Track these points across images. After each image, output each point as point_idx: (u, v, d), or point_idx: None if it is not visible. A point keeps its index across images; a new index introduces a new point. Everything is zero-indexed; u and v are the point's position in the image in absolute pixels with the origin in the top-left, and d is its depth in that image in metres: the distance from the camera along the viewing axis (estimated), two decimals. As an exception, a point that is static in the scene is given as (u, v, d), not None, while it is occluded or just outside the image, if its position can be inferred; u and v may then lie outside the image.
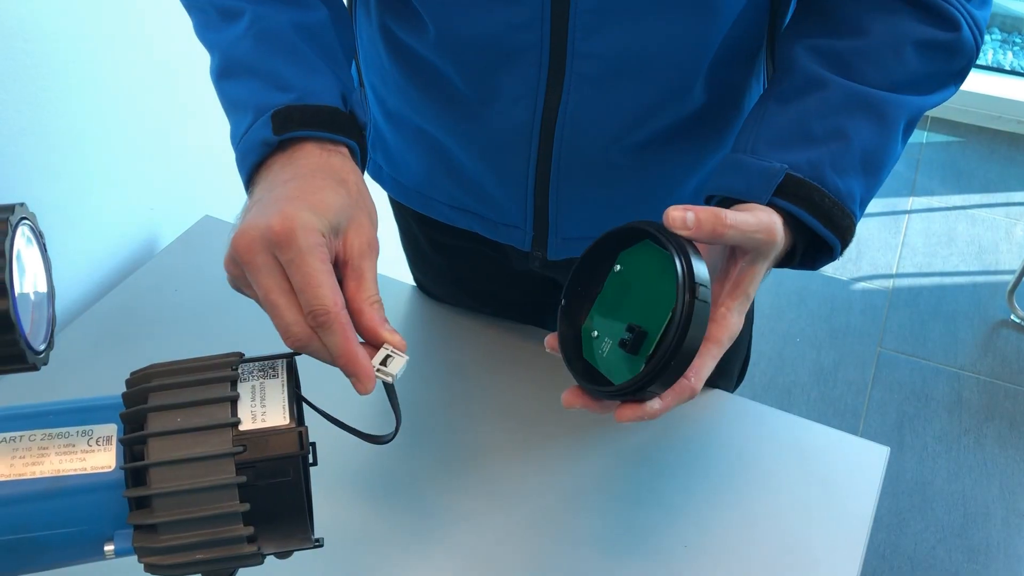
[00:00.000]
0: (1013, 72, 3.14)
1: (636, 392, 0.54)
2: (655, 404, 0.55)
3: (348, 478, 0.79)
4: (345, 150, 0.61)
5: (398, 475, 0.80)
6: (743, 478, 0.80)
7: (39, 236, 0.41)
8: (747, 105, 0.76)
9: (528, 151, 0.71)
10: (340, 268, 0.55)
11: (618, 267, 0.59)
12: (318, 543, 0.48)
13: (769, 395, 2.11)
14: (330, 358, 0.53)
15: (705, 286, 0.52)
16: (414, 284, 1.03)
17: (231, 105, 0.63)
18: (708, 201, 0.64)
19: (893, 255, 2.53)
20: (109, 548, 0.44)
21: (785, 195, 0.60)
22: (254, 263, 0.52)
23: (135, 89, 1.03)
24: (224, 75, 0.64)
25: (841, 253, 0.64)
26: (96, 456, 0.44)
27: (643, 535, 0.76)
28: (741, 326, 0.59)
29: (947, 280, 2.46)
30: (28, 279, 0.40)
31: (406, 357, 0.54)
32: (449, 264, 0.95)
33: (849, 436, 0.85)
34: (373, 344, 0.54)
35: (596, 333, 0.59)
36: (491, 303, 0.96)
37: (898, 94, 0.63)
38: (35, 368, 0.39)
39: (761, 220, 0.58)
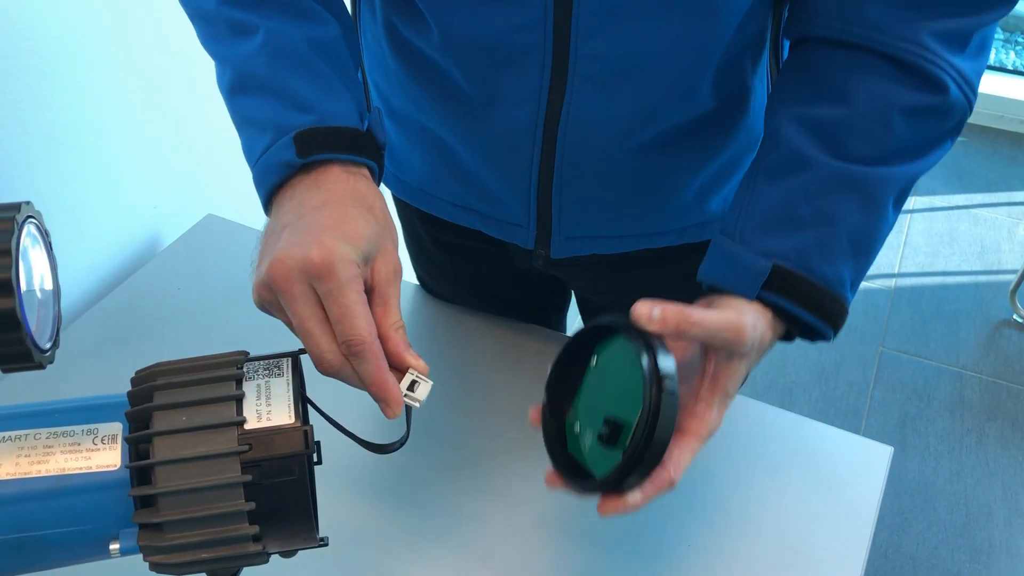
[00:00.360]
0: (1016, 72, 3.14)
1: (615, 485, 0.55)
2: (635, 497, 0.56)
3: (353, 477, 0.79)
4: (367, 172, 0.62)
5: (402, 474, 0.80)
6: (746, 477, 0.80)
7: (45, 234, 0.41)
8: (751, 107, 0.76)
9: (531, 151, 0.71)
10: (368, 294, 0.56)
11: (595, 361, 0.60)
12: (323, 542, 0.48)
13: (770, 395, 2.11)
14: (360, 384, 0.54)
15: (671, 378, 0.53)
16: (417, 283, 1.03)
17: (245, 121, 0.63)
18: (700, 286, 0.65)
19: (895, 255, 2.53)
20: (114, 547, 0.44)
21: (773, 288, 0.61)
22: (291, 292, 0.53)
23: (138, 88, 1.03)
24: (238, 91, 0.63)
25: (835, 336, 0.64)
26: (101, 455, 0.44)
27: (647, 534, 0.76)
28: (720, 422, 0.60)
29: (949, 280, 2.46)
30: (34, 277, 0.40)
31: (431, 383, 0.56)
32: (453, 262, 0.95)
33: (852, 435, 0.85)
34: (398, 369, 0.56)
35: (578, 427, 0.60)
36: (495, 301, 0.96)
37: (887, 166, 0.62)
38: (41, 367, 0.39)
39: (728, 319, 0.58)
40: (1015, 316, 2.32)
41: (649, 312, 0.55)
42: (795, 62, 0.67)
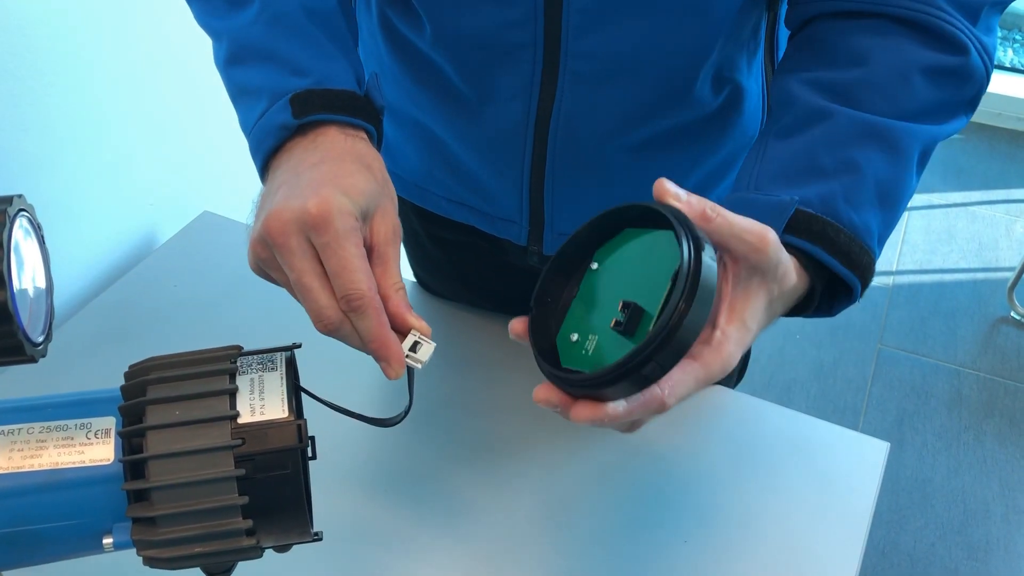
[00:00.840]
0: (1013, 69, 3.14)
1: (634, 371, 0.46)
2: (618, 406, 0.49)
3: (348, 472, 0.79)
4: (365, 135, 0.60)
5: (398, 469, 0.80)
6: (743, 473, 0.80)
7: (37, 228, 0.41)
8: (746, 108, 0.75)
9: (523, 148, 0.71)
10: (368, 250, 0.55)
11: (595, 265, 0.54)
12: (317, 537, 0.48)
13: (769, 392, 2.11)
14: (360, 343, 0.53)
15: (710, 248, 0.46)
16: (414, 280, 1.02)
17: (241, 91, 0.62)
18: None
19: (893, 252, 2.53)
20: (108, 541, 0.43)
21: (798, 232, 0.56)
22: (287, 245, 0.52)
23: (134, 84, 1.03)
24: (234, 61, 0.63)
25: (861, 294, 0.60)
26: (94, 449, 0.43)
27: (644, 530, 0.75)
28: (736, 359, 0.52)
29: (947, 277, 2.45)
30: (26, 271, 0.40)
31: (433, 344, 0.55)
32: (448, 258, 0.95)
33: (849, 432, 0.85)
34: (400, 330, 0.54)
35: (576, 336, 0.53)
36: (491, 298, 0.96)
37: (910, 123, 0.60)
38: (33, 360, 0.39)
39: (753, 224, 0.52)
40: (1013, 313, 2.32)
41: (675, 189, 0.49)
42: (802, 40, 0.65)
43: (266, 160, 0.60)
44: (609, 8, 0.61)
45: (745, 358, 0.98)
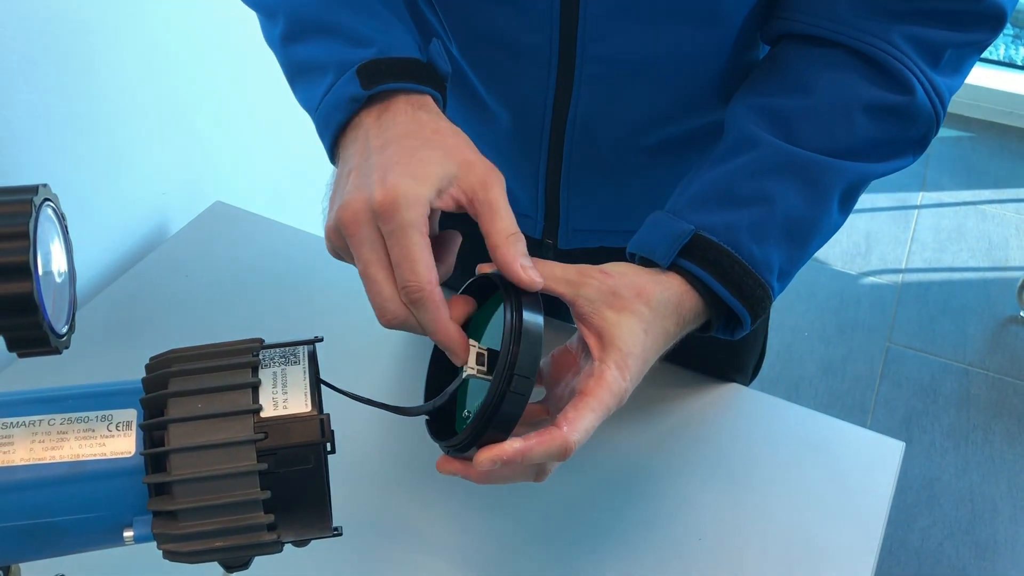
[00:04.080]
0: (1025, 67, 3.12)
1: (495, 410, 0.51)
2: (514, 443, 0.51)
3: (366, 468, 0.79)
4: (431, 100, 0.59)
5: (415, 465, 0.80)
6: (757, 471, 0.80)
7: (61, 218, 0.41)
8: None
9: (539, 148, 0.71)
10: (468, 207, 0.54)
11: (472, 342, 0.56)
12: (337, 532, 0.47)
13: (777, 389, 2.11)
14: (425, 332, 0.53)
15: (526, 369, 0.50)
16: None
17: (302, 68, 0.61)
18: (631, 259, 0.62)
19: (903, 250, 2.52)
20: (128, 534, 0.43)
21: (693, 257, 0.58)
22: (358, 235, 0.52)
23: (147, 74, 1.03)
24: (292, 38, 0.61)
25: (752, 325, 0.60)
26: (116, 441, 0.43)
27: (657, 527, 0.75)
28: (626, 380, 0.54)
29: (956, 276, 2.45)
30: (52, 261, 0.39)
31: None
32: (465, 252, 0.95)
33: (864, 430, 0.84)
34: (516, 281, 0.53)
35: (466, 412, 0.56)
36: None
37: (838, 159, 0.59)
38: (57, 351, 0.39)
39: (567, 268, 0.55)
40: (1022, 313, 2.31)
41: (487, 266, 0.55)
42: (766, 60, 0.66)
43: (335, 137, 0.59)
44: (624, 13, 0.61)
45: (760, 356, 0.97)
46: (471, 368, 0.54)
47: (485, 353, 0.55)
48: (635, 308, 0.55)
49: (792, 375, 2.16)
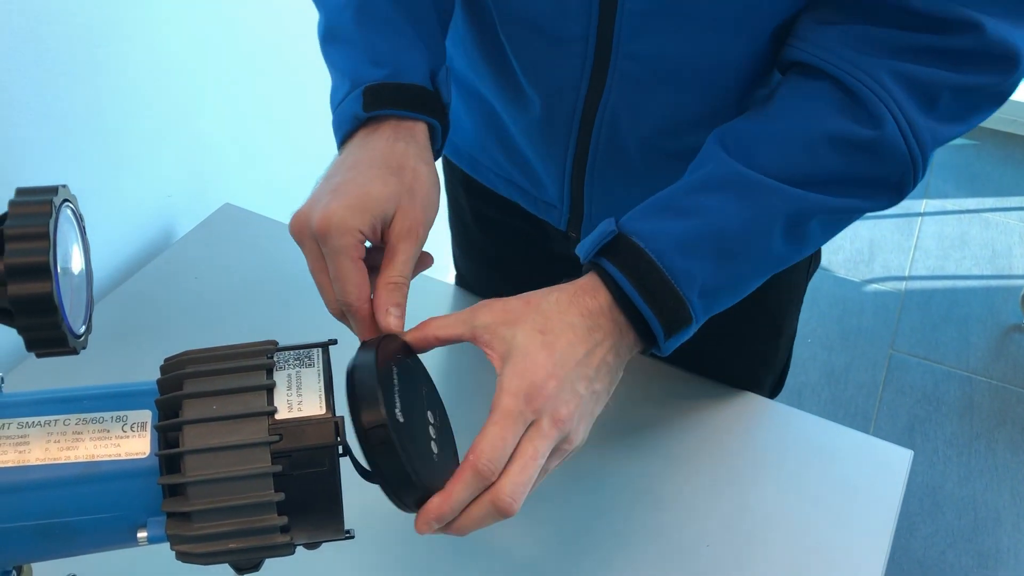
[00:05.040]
0: (1029, 76, 3.12)
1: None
2: (435, 498, 0.50)
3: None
4: (421, 129, 0.63)
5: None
6: (765, 478, 0.80)
7: (79, 218, 0.41)
8: None
9: (567, 139, 0.72)
10: (384, 245, 0.59)
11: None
12: (349, 535, 0.47)
13: (780, 396, 2.10)
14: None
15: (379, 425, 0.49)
16: (455, 284, 1.02)
17: (333, 67, 0.67)
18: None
19: (906, 257, 2.52)
20: (142, 535, 0.43)
21: (611, 257, 0.57)
22: (303, 244, 0.59)
23: (153, 75, 1.03)
24: (327, 40, 0.67)
25: (666, 340, 0.58)
26: (130, 442, 0.43)
27: (665, 534, 0.75)
28: (526, 383, 0.52)
29: (960, 284, 2.45)
30: (71, 262, 0.40)
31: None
32: (491, 242, 0.96)
33: (872, 439, 0.84)
34: (376, 317, 0.58)
35: None
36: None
37: (791, 187, 0.58)
38: (75, 352, 0.39)
39: (468, 308, 0.57)
40: (1026, 321, 2.31)
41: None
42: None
43: (341, 144, 0.65)
44: (662, 14, 0.61)
45: (782, 372, 0.96)
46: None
47: None
48: (527, 316, 0.55)
49: (795, 382, 2.16)
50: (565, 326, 0.55)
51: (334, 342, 0.50)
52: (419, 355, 0.59)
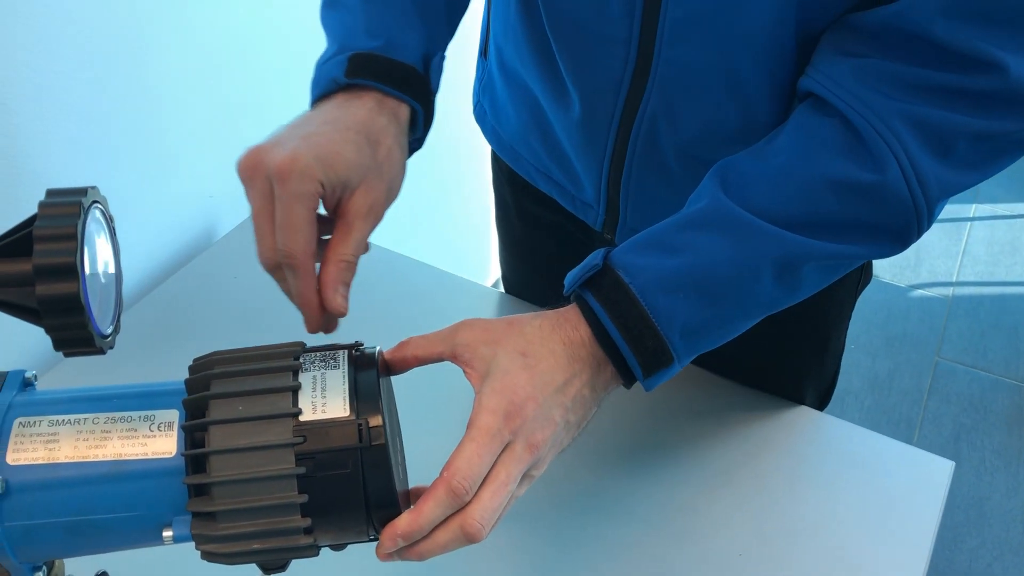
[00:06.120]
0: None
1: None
2: (404, 516, 0.48)
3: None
4: (405, 111, 0.62)
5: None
6: (800, 487, 0.78)
7: (109, 220, 0.41)
8: None
9: (606, 141, 0.71)
10: (337, 219, 0.57)
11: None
12: (374, 537, 0.47)
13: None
14: (288, 291, 0.57)
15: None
16: (499, 289, 1.02)
17: (326, 28, 0.66)
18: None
19: (954, 263, 2.46)
20: (168, 534, 0.44)
21: (594, 290, 0.56)
22: (251, 182, 0.56)
23: (196, 75, 1.04)
24: (328, 4, 0.66)
25: (645, 378, 0.56)
26: (157, 441, 0.44)
27: (698, 542, 0.74)
28: (504, 403, 0.51)
29: (1010, 290, 2.39)
30: (98, 262, 0.40)
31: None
32: (534, 239, 0.96)
33: (912, 449, 0.82)
34: (322, 300, 0.57)
35: None
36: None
37: (782, 229, 0.55)
38: (102, 352, 0.39)
39: (448, 327, 0.56)
40: (1079, 330, 2.25)
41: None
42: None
43: (314, 103, 0.63)
44: (702, 22, 0.60)
45: (832, 381, 0.95)
46: None
47: None
48: (509, 337, 0.54)
49: (837, 389, 2.11)
50: (546, 352, 0.54)
51: (360, 344, 0.50)
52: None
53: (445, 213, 1.70)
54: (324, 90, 0.61)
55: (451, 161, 1.65)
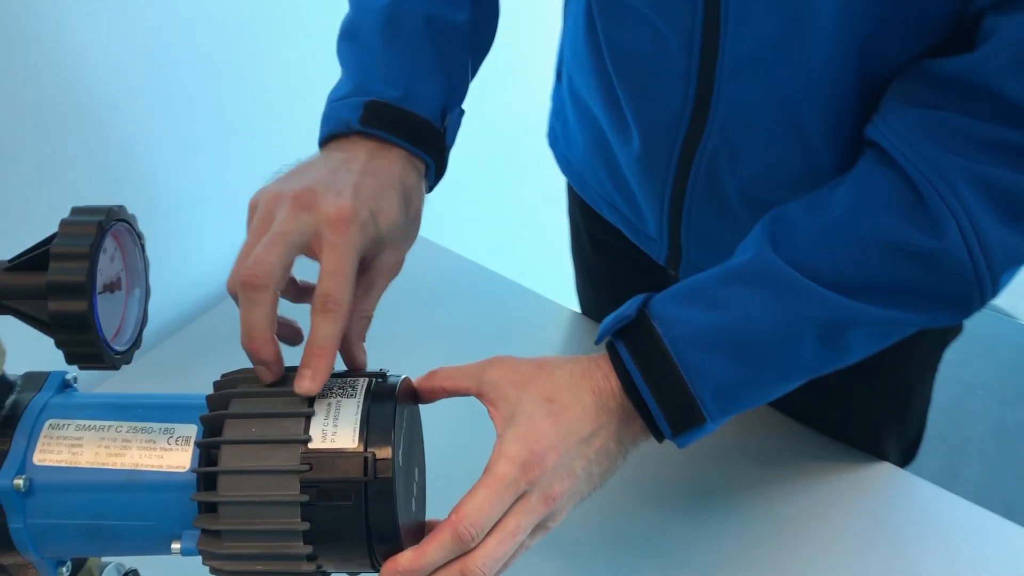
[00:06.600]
0: None
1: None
2: (407, 552, 0.46)
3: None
4: (422, 165, 0.61)
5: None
6: (874, 549, 0.73)
7: (137, 237, 0.42)
8: None
9: (665, 178, 0.69)
10: (360, 272, 0.54)
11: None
12: (377, 569, 0.47)
13: (937, 449, 1.94)
14: (249, 322, 0.49)
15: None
16: (579, 310, 1.02)
17: (341, 60, 0.64)
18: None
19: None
20: (176, 547, 0.44)
21: (626, 340, 0.54)
22: (295, 215, 0.51)
23: (257, 104, 1.06)
24: (346, 35, 0.64)
25: (675, 436, 0.54)
26: (173, 455, 0.45)
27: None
28: (526, 452, 0.49)
29: None
30: (126, 279, 0.41)
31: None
32: (606, 267, 0.94)
33: (1005, 523, 0.75)
34: (345, 355, 0.54)
35: None
36: None
37: (828, 290, 0.52)
38: (114, 368, 0.40)
39: (478, 362, 0.54)
40: None
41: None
42: None
43: (324, 140, 0.61)
44: (760, 62, 0.57)
45: (916, 439, 0.89)
46: None
47: None
48: (537, 381, 0.53)
49: (957, 435, 1.98)
50: (574, 399, 0.53)
51: (384, 373, 0.49)
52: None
53: (533, 232, 1.69)
54: (336, 130, 0.59)
55: (538, 183, 1.65)
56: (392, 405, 0.46)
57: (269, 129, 1.05)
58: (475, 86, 0.68)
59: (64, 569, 0.47)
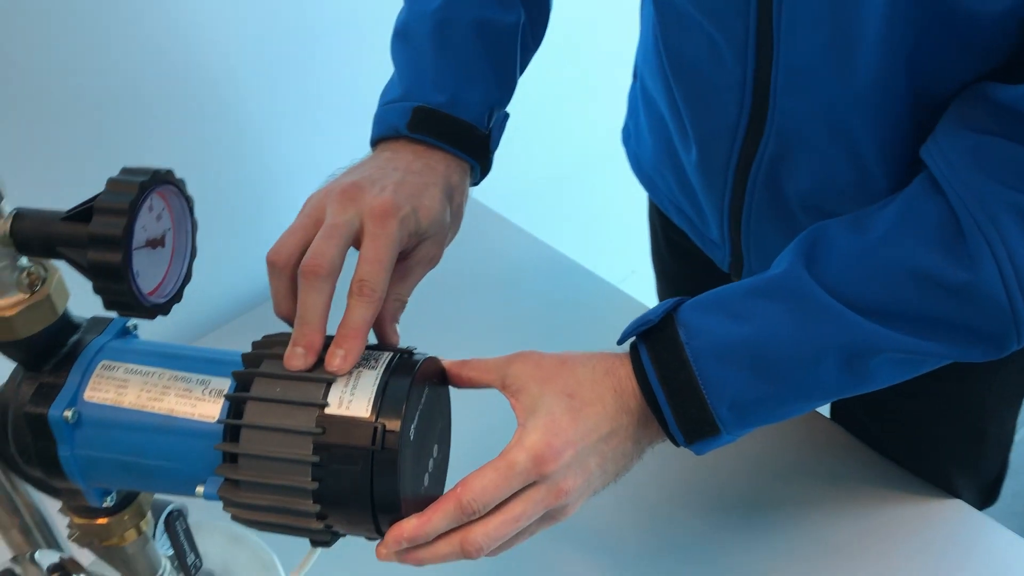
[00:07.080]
0: None
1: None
2: (412, 519, 0.48)
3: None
4: (467, 167, 0.63)
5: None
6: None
7: (186, 200, 0.46)
8: None
9: (724, 186, 0.68)
10: (399, 260, 0.56)
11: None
12: (381, 535, 0.49)
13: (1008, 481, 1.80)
14: (281, 308, 0.54)
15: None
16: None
17: (395, 60, 0.67)
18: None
19: None
20: (200, 490, 0.48)
21: (649, 344, 0.54)
22: (340, 208, 0.54)
23: (327, 115, 1.09)
24: (400, 36, 0.67)
25: (689, 444, 0.54)
26: (205, 405, 0.48)
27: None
28: (542, 445, 0.50)
29: None
30: (173, 237, 0.45)
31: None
32: (680, 266, 0.94)
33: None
34: (379, 333, 0.56)
35: None
36: None
37: (855, 314, 0.50)
38: (151, 316, 0.43)
39: (506, 356, 0.54)
40: None
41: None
42: None
43: (376, 141, 0.64)
44: (814, 74, 0.56)
45: (996, 478, 0.84)
46: None
47: None
48: (559, 377, 0.53)
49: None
50: (595, 397, 0.53)
51: (411, 351, 0.51)
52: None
53: (627, 229, 1.68)
54: (385, 134, 0.63)
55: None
56: (409, 380, 0.48)
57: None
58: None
59: (109, 500, 0.51)
